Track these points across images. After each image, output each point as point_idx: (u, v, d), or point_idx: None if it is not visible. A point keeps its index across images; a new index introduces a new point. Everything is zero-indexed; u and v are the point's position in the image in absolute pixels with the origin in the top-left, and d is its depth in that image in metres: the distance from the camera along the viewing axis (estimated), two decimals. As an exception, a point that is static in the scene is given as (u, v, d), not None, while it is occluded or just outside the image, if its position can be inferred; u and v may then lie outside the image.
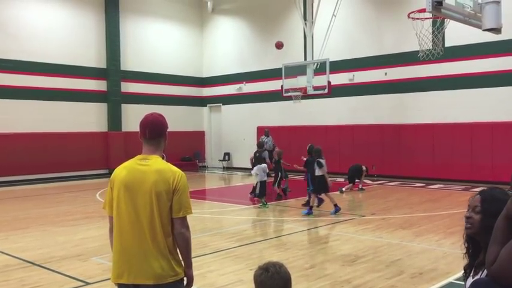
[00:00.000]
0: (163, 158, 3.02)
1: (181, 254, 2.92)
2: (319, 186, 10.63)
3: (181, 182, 2.86)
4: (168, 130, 3.04)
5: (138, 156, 2.97)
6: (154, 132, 2.96)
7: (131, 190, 2.86)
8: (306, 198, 11.47)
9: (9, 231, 9.20)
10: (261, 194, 11.76)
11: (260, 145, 13.33)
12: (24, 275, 6.29)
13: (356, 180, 14.44)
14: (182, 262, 2.94)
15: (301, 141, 14.63)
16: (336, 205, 10.49)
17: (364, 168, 14.47)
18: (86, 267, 6.64)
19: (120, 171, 2.95)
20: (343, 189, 13.96)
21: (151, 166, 2.88)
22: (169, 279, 2.82)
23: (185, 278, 2.95)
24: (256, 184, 12.01)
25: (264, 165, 12.14)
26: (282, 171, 13.23)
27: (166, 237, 2.84)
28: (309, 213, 10.37)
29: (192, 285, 3.01)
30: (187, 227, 2.89)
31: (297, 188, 13.81)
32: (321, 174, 10.59)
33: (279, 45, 16.05)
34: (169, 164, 2.95)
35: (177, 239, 2.87)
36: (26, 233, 9.02)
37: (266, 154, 12.89)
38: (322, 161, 10.71)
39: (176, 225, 2.85)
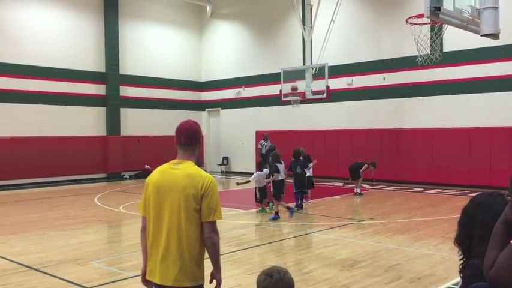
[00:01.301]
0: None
1: (210, 258, 2.99)
2: (276, 192, 10.71)
3: (210, 187, 2.93)
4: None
5: (173, 161, 3.08)
6: (189, 139, 3.07)
7: (161, 192, 2.97)
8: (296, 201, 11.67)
9: (8, 235, 9.18)
10: (261, 199, 11.84)
11: (272, 148, 13.51)
12: (21, 279, 6.27)
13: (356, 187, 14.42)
14: (212, 267, 3.00)
15: (300, 145, 14.66)
16: (277, 213, 10.55)
17: (365, 165, 14.13)
18: (83, 271, 6.62)
19: (155, 174, 3.09)
20: (354, 187, 14.33)
21: (183, 170, 2.97)
22: (187, 283, 2.89)
23: (214, 281, 3.02)
24: (256, 189, 12.08)
25: (265, 171, 12.18)
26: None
27: (191, 241, 2.90)
28: (293, 210, 10.47)
29: None
30: (216, 232, 2.96)
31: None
32: (279, 179, 10.75)
33: (295, 89, 15.98)
34: (200, 169, 3.04)
35: (206, 243, 2.94)
36: (24, 237, 9.00)
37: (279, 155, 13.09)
38: (280, 166, 10.82)
39: (205, 229, 2.92)
